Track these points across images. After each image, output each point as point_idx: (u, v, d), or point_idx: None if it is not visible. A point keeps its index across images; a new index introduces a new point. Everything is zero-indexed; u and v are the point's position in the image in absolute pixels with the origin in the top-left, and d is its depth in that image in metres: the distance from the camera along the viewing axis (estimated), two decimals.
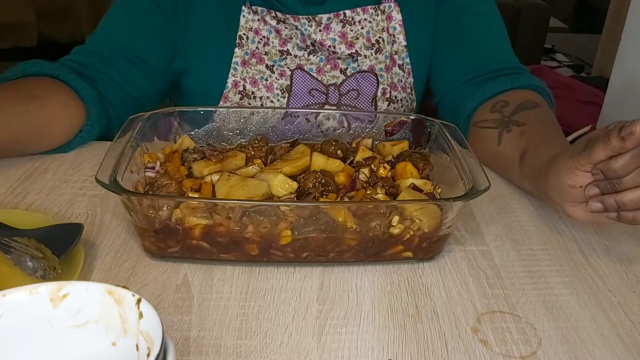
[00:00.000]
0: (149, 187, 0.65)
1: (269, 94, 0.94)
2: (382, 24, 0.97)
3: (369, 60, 0.97)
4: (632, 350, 0.55)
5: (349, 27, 0.95)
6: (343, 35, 0.95)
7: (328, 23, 0.94)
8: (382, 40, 0.97)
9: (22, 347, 0.39)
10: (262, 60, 0.95)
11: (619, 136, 0.56)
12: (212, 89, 0.95)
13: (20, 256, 0.57)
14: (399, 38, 0.97)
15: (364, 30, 0.96)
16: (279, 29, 0.95)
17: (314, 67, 0.96)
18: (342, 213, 0.59)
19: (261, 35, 0.95)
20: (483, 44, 0.95)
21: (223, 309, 0.57)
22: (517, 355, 0.54)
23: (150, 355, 0.36)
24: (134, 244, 0.65)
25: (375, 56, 0.97)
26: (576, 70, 3.03)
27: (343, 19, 0.95)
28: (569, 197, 0.64)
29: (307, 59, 0.96)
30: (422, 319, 0.57)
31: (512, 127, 0.81)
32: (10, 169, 0.79)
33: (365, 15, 0.96)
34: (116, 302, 0.39)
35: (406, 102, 1.00)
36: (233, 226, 0.59)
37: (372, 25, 0.96)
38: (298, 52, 0.96)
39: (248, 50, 0.95)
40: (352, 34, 0.96)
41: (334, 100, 0.97)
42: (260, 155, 0.74)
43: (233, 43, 0.94)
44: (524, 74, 0.92)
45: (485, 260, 0.66)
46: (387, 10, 0.96)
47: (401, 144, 0.76)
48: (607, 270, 0.66)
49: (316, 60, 0.96)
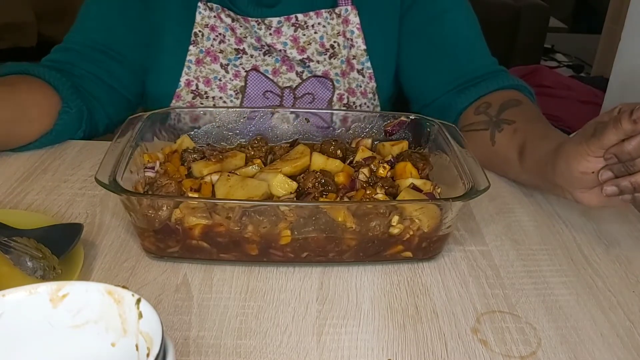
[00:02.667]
0: (149, 187, 0.65)
1: (222, 94, 0.92)
2: (337, 28, 0.93)
3: (322, 65, 0.94)
4: (632, 350, 0.55)
5: (301, 32, 0.92)
6: (295, 40, 0.92)
7: (279, 27, 0.91)
8: (337, 44, 0.93)
9: (22, 347, 0.39)
10: (217, 58, 0.93)
11: (630, 119, 0.57)
12: (166, 88, 0.93)
13: (19, 256, 0.57)
14: (357, 42, 0.94)
15: (317, 35, 0.93)
16: (234, 27, 0.92)
17: (269, 68, 0.94)
18: (341, 213, 0.59)
19: (217, 32, 0.92)
20: (461, 52, 0.93)
21: (223, 309, 0.57)
22: (516, 355, 0.54)
23: (150, 355, 0.36)
24: (134, 244, 0.65)
25: (330, 61, 0.94)
26: (576, 70, 3.03)
27: (295, 23, 0.92)
28: (579, 183, 0.64)
29: (262, 60, 0.94)
30: (422, 319, 0.57)
31: (503, 126, 0.81)
32: (10, 169, 0.79)
33: (319, 19, 0.93)
34: (116, 302, 0.39)
35: (367, 107, 0.97)
36: (233, 226, 0.59)
37: (327, 30, 0.93)
38: (254, 52, 0.94)
39: (203, 48, 0.92)
40: (304, 38, 0.93)
41: (288, 104, 0.95)
42: (259, 155, 0.74)
43: (188, 40, 0.92)
44: (502, 74, 0.91)
45: (485, 260, 0.66)
46: (343, 14, 0.93)
47: (401, 144, 0.76)
48: (607, 270, 0.66)
49: (272, 62, 0.94)
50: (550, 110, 1.43)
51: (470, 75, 0.91)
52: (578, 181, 0.64)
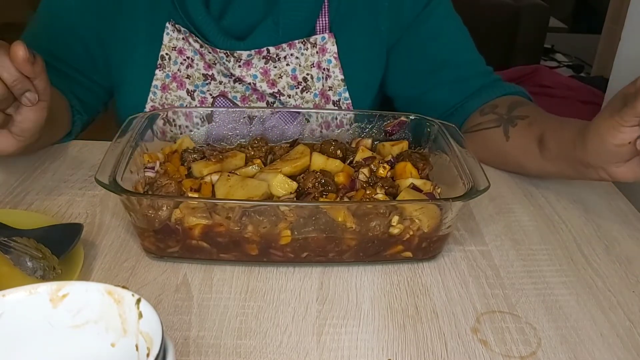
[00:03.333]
0: (149, 187, 0.65)
1: (187, 122, 0.81)
2: (311, 59, 0.89)
3: (293, 100, 0.90)
4: (632, 350, 0.55)
5: (272, 64, 0.88)
6: (265, 73, 0.88)
7: (249, 59, 0.87)
8: (310, 77, 0.89)
9: (22, 347, 0.39)
10: (183, 84, 0.89)
11: None
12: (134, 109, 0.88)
13: (19, 256, 0.57)
14: (334, 72, 0.89)
15: (289, 68, 0.88)
16: (203, 53, 0.88)
17: (238, 95, 0.90)
18: (341, 213, 0.59)
19: (185, 55, 0.88)
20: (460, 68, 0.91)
21: (223, 309, 0.57)
22: (516, 355, 0.54)
23: (150, 355, 0.36)
24: (134, 244, 0.65)
25: (301, 95, 0.90)
26: (576, 70, 3.03)
27: (266, 56, 0.87)
28: (615, 157, 0.64)
29: (232, 87, 0.90)
30: (422, 319, 0.57)
31: (517, 122, 0.81)
32: (10, 169, 0.79)
33: (292, 50, 0.88)
34: (116, 302, 0.39)
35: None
36: (233, 226, 0.59)
37: (300, 61, 0.88)
38: (223, 79, 0.89)
39: (169, 73, 0.89)
40: (275, 71, 0.88)
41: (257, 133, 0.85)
42: (259, 155, 0.74)
43: (154, 64, 0.88)
44: (499, 83, 0.92)
45: (485, 260, 0.66)
46: (319, 43, 0.88)
47: (401, 144, 0.76)
48: (606, 270, 0.66)
49: (242, 89, 0.90)
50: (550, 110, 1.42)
51: (470, 90, 0.91)
52: (613, 155, 0.64)
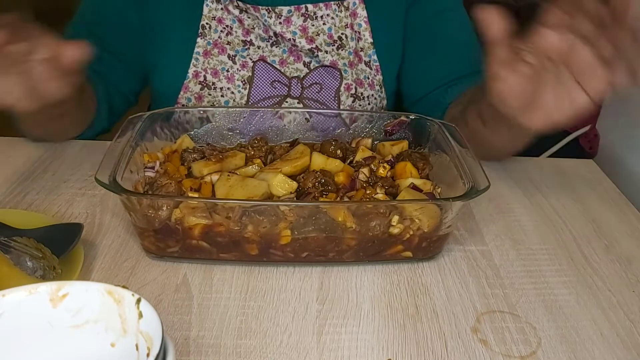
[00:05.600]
0: (149, 186, 0.65)
1: (229, 85, 0.93)
2: (345, 20, 0.94)
3: (330, 55, 0.95)
4: (632, 350, 0.55)
5: (310, 22, 0.94)
6: (304, 30, 0.93)
7: (289, 16, 0.93)
8: (344, 36, 0.95)
9: (21, 347, 0.39)
10: (224, 50, 0.93)
11: None
12: (174, 80, 0.94)
13: (19, 256, 0.57)
14: (364, 35, 0.95)
15: (325, 27, 0.94)
16: (242, 19, 0.93)
17: (276, 59, 0.95)
18: (341, 213, 0.59)
19: (224, 24, 0.93)
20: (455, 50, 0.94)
21: (223, 308, 0.57)
22: (516, 355, 0.54)
23: (150, 355, 0.36)
24: (134, 243, 0.65)
25: (338, 52, 0.95)
26: None
27: (304, 13, 0.93)
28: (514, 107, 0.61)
29: (270, 50, 0.94)
30: (422, 318, 0.57)
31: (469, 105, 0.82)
32: (10, 169, 0.79)
33: (327, 10, 0.94)
34: (116, 302, 0.39)
35: (374, 99, 0.98)
36: (232, 226, 0.59)
37: (335, 22, 0.94)
38: (261, 43, 0.94)
39: (210, 40, 0.93)
40: (313, 28, 0.94)
41: (296, 94, 0.95)
42: (259, 155, 0.74)
43: (196, 32, 0.93)
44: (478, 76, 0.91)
45: (485, 260, 0.66)
46: (351, 7, 0.94)
47: (401, 144, 0.76)
48: (606, 270, 0.66)
49: (279, 52, 0.95)
50: None
51: (460, 73, 0.92)
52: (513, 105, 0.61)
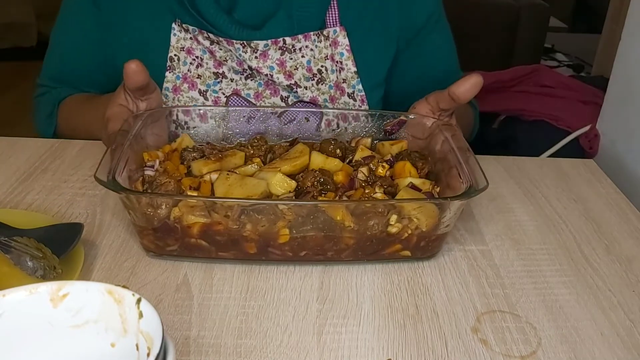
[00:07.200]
0: (148, 185, 0.65)
1: (202, 123, 0.81)
2: (325, 52, 0.88)
3: (309, 91, 0.89)
4: (632, 350, 0.55)
5: (288, 55, 0.87)
6: (281, 64, 0.87)
7: (265, 50, 0.86)
8: (324, 69, 0.89)
9: (21, 347, 0.39)
10: (195, 85, 0.87)
11: None
12: None
13: (20, 256, 0.57)
14: (347, 64, 0.89)
15: (304, 59, 0.88)
16: (213, 50, 0.87)
17: (251, 92, 0.89)
18: (340, 212, 0.59)
19: (194, 55, 0.87)
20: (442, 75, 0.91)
21: (223, 308, 0.57)
22: (517, 354, 0.54)
23: (150, 354, 0.36)
24: (134, 243, 0.65)
25: (317, 87, 0.89)
26: (576, 70, 3.02)
27: (282, 47, 0.87)
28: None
29: (244, 84, 0.88)
30: (422, 318, 0.57)
31: None
32: (10, 169, 0.79)
33: (306, 42, 0.87)
34: (116, 301, 0.39)
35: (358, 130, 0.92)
36: (231, 225, 0.59)
37: (314, 53, 0.88)
38: (234, 76, 0.88)
39: (180, 74, 0.87)
40: (291, 62, 0.88)
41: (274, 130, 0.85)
42: (259, 154, 0.74)
43: (164, 66, 0.87)
44: None
45: (485, 260, 0.66)
46: (332, 36, 0.88)
47: (400, 143, 0.76)
48: (607, 270, 0.66)
49: (254, 85, 0.89)
50: (550, 110, 1.43)
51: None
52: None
